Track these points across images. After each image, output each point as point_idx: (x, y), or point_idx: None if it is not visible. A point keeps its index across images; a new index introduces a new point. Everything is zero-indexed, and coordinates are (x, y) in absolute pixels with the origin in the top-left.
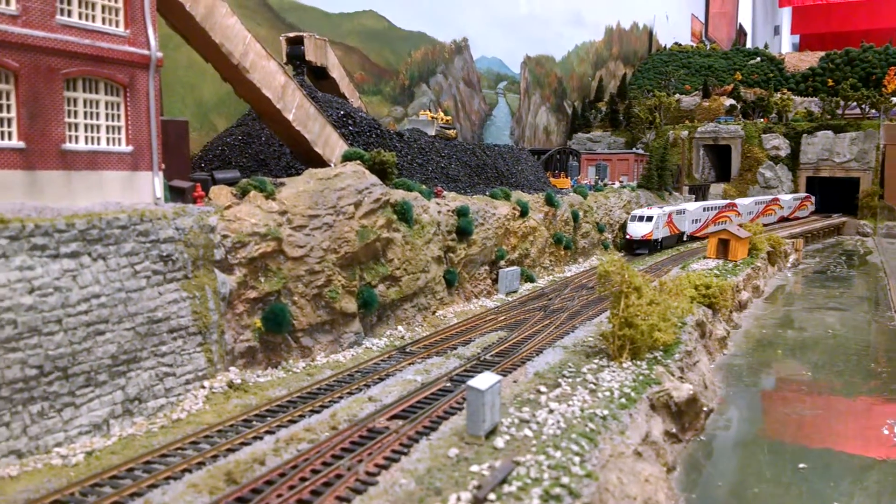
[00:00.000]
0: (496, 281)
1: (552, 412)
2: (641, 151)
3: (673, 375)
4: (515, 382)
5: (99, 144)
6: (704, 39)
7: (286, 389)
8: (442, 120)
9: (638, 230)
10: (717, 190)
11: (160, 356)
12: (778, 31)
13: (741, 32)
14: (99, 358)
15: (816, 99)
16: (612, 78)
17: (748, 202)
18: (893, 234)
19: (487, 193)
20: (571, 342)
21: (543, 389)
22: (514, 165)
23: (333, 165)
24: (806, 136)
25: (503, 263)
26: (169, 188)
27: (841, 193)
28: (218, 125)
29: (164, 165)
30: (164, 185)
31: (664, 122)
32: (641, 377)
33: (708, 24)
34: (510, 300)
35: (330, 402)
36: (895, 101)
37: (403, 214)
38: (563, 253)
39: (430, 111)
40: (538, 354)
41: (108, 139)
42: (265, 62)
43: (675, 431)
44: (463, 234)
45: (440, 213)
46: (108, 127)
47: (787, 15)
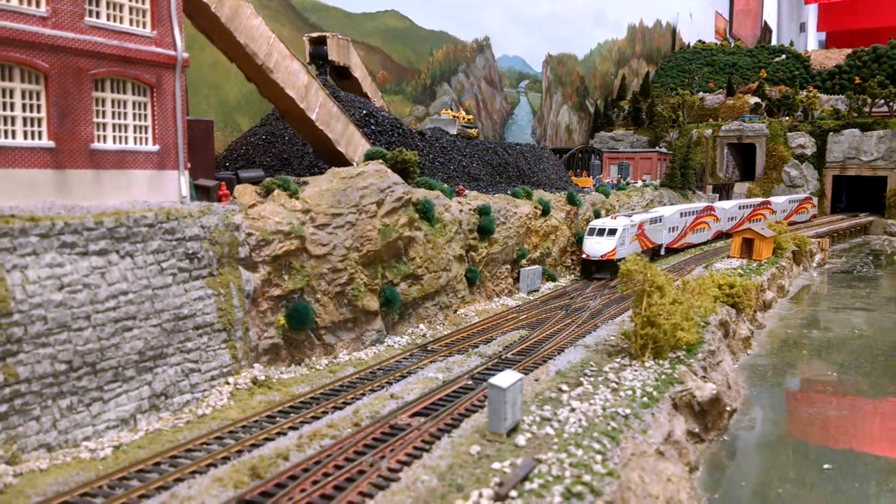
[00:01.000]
0: (518, 280)
1: (574, 410)
2: (664, 150)
3: (696, 375)
4: (537, 381)
5: (126, 144)
6: (729, 37)
7: (309, 386)
8: (463, 119)
9: (596, 248)
10: (741, 189)
11: (186, 352)
12: (804, 28)
13: (766, 30)
14: (126, 354)
15: (843, 97)
16: (634, 76)
17: (730, 206)
18: None
19: (509, 192)
20: (593, 341)
21: (565, 388)
22: (535, 164)
23: (356, 164)
24: (832, 134)
25: (525, 262)
26: (194, 187)
27: (868, 192)
28: (242, 124)
29: (189, 164)
30: (189, 183)
31: (687, 120)
32: (664, 376)
33: (732, 21)
34: (532, 299)
35: (352, 398)
36: None
37: (425, 213)
38: None
39: (451, 110)
40: (560, 353)
41: (135, 139)
42: (289, 62)
43: (697, 431)
44: (484, 232)
45: (462, 211)
46: (135, 126)
47: (813, 11)
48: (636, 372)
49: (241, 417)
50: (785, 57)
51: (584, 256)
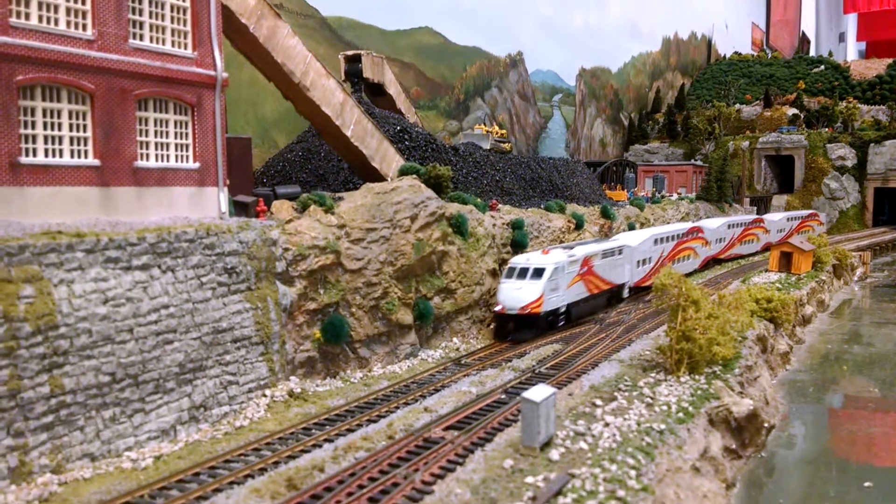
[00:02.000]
0: None
1: (608, 425)
2: (700, 163)
3: (732, 390)
4: (571, 395)
5: (168, 162)
6: (766, 48)
7: (344, 399)
8: (497, 133)
9: (514, 297)
10: (779, 201)
11: (224, 365)
12: (843, 38)
13: (804, 40)
14: (167, 366)
15: (884, 107)
16: (669, 88)
17: (717, 225)
18: None
19: (542, 206)
20: (628, 356)
21: (599, 402)
22: (568, 178)
23: (390, 180)
24: (873, 145)
25: None
26: (233, 203)
27: None
28: (279, 141)
29: (228, 181)
30: (228, 200)
31: (724, 132)
32: (700, 392)
33: (769, 32)
34: None
35: (386, 411)
36: None
37: (458, 227)
38: None
39: (484, 125)
40: (593, 367)
41: (176, 157)
42: (325, 80)
43: (734, 447)
44: (518, 246)
45: (495, 225)
46: (176, 145)
47: (852, 21)
48: (671, 387)
49: (277, 429)
50: (824, 67)
51: (498, 309)
